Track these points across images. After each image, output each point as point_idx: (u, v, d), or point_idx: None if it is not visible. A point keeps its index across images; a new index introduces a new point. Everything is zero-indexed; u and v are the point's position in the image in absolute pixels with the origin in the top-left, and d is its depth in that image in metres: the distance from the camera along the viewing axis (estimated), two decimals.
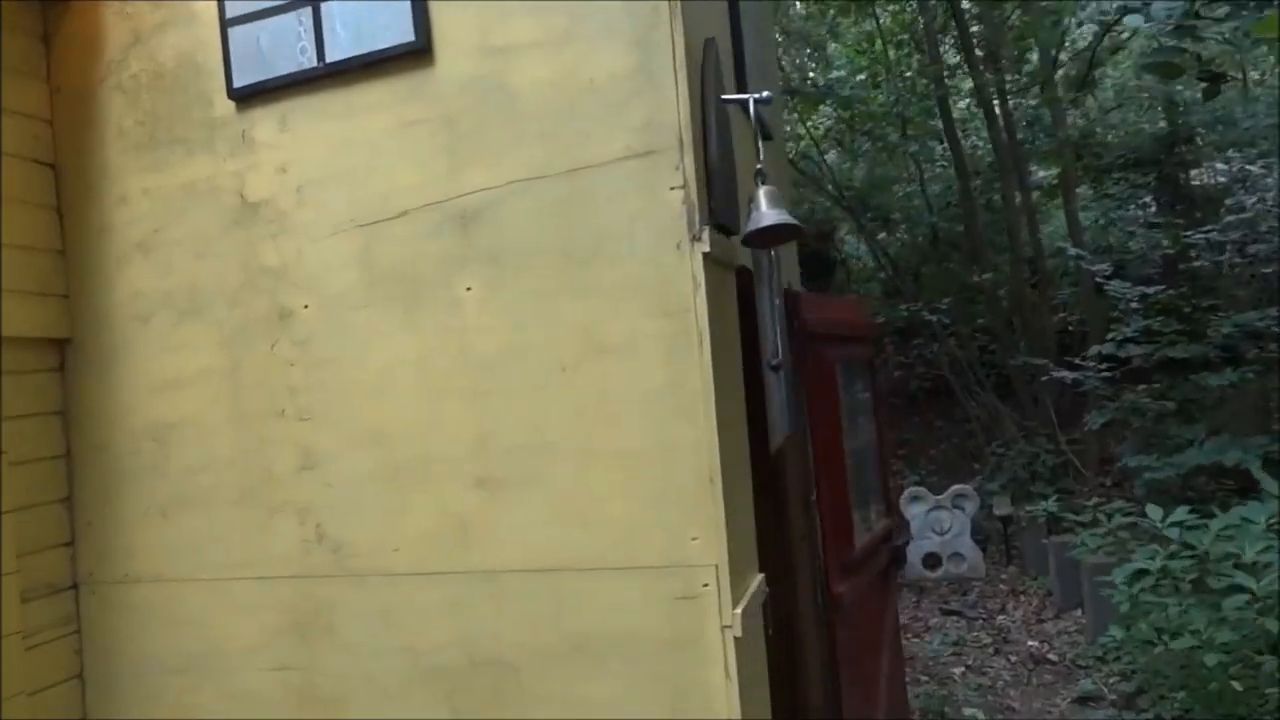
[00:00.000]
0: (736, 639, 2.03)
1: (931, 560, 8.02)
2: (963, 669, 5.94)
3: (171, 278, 2.46)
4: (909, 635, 6.66)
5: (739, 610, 2.04)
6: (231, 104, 2.40)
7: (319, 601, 2.34)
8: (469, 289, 2.21)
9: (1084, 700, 5.26)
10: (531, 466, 2.17)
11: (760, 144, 2.30)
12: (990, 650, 6.26)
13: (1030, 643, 6.31)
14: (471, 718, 2.21)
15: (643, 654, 2.09)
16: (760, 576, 2.31)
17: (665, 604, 2.08)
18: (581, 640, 2.13)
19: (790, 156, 11.74)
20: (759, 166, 2.19)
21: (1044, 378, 8.78)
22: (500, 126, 2.20)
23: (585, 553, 2.13)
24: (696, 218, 2.07)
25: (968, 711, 5.15)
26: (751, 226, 2.12)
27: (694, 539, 2.06)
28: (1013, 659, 6.07)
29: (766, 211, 2.14)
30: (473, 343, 2.21)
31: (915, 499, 8.15)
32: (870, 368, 4.25)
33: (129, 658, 2.52)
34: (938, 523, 8.05)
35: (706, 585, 2.05)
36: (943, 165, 11.33)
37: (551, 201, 2.16)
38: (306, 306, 2.35)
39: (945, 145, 10.70)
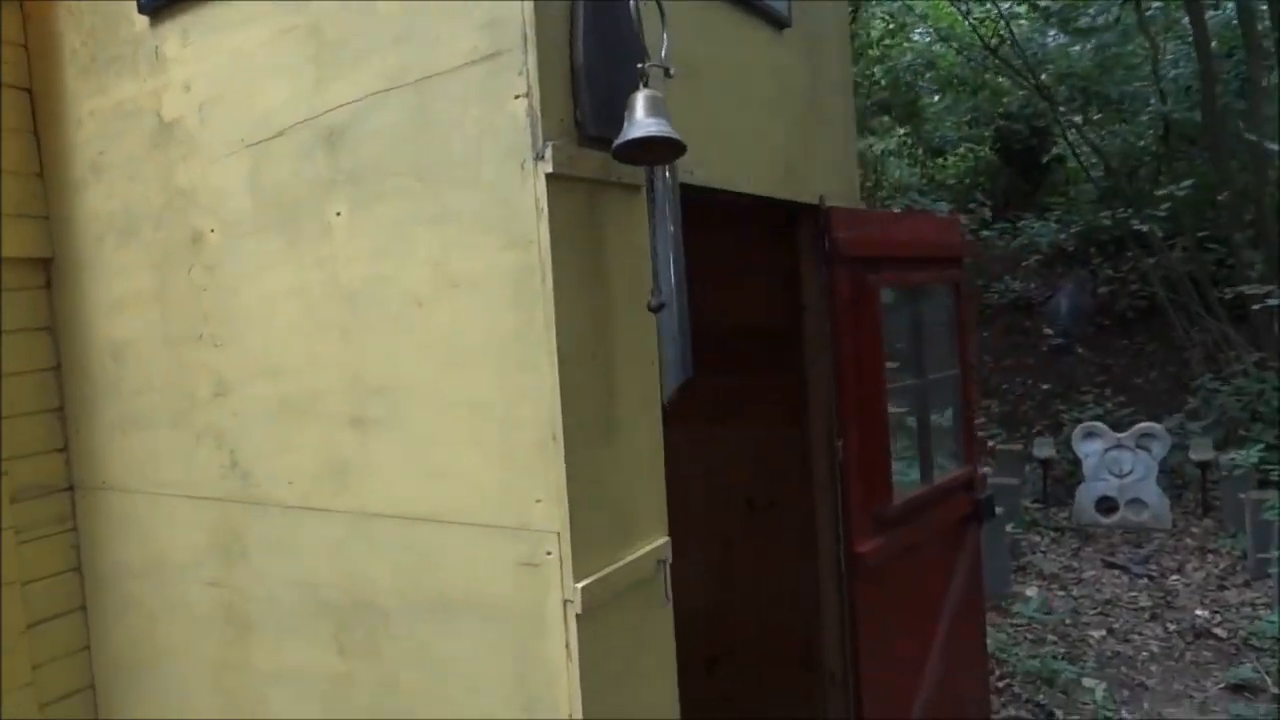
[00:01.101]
0: (578, 616, 1.80)
1: (1106, 505, 7.13)
2: (1103, 633, 5.24)
3: (114, 200, 2.49)
4: (1055, 587, 5.97)
5: (582, 585, 1.80)
6: (145, 19, 2.33)
7: (235, 526, 2.35)
8: (338, 214, 2.05)
9: (1239, 688, 4.47)
10: (394, 409, 2.01)
11: (666, 33, 1.89)
12: (1145, 615, 5.47)
13: (1199, 612, 5.44)
14: (353, 659, 2.15)
15: (493, 619, 1.91)
16: (658, 545, 2.04)
17: (512, 568, 1.87)
18: (442, 595, 1.99)
19: (988, 39, 10.38)
20: (643, 65, 1.81)
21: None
22: (361, 32, 1.97)
23: (443, 505, 1.96)
24: (539, 131, 1.75)
25: (1087, 682, 4.54)
26: (621, 139, 1.77)
27: (538, 501, 1.82)
28: (1170, 628, 5.27)
29: (642, 121, 1.77)
30: (342, 273, 2.06)
31: (1091, 435, 7.24)
32: (956, 293, 3.66)
33: (111, 557, 2.70)
34: (1117, 464, 7.12)
35: (549, 553, 1.82)
36: (1181, 41, 9.53)
37: (405, 115, 1.92)
38: (213, 230, 2.29)
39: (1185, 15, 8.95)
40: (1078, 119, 9.99)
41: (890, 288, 3.38)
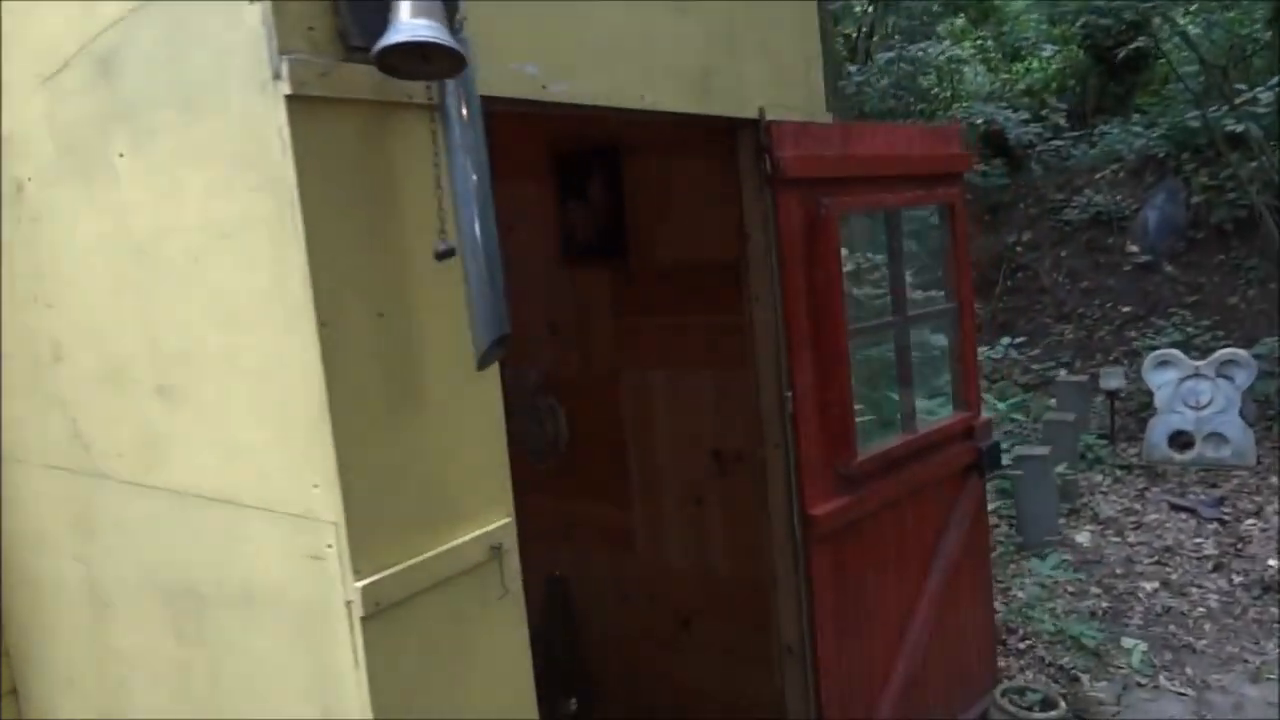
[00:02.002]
0: (363, 619, 1.54)
1: (1180, 440, 6.48)
2: (1156, 585, 4.75)
3: None
4: (1109, 532, 5.46)
5: (364, 584, 1.54)
6: None
7: (85, 499, 2.19)
8: (120, 155, 1.79)
9: None
10: (190, 377, 1.77)
11: None
12: (1208, 565, 4.93)
13: (1271, 562, 4.87)
14: (189, 647, 1.97)
15: (290, 615, 1.68)
16: (493, 528, 1.76)
17: (302, 561, 1.63)
18: (246, 586, 1.77)
19: None
20: None
21: None
22: None
23: (239, 486, 1.72)
24: (274, 45, 1.43)
25: (1127, 642, 4.10)
26: (380, 44, 1.44)
27: (315, 486, 1.56)
28: (1234, 580, 4.73)
29: (405, 24, 1.44)
30: (132, 223, 1.81)
31: (1164, 364, 6.55)
32: (952, 214, 3.18)
33: (8, 525, 2.60)
34: (1193, 395, 6.43)
35: (330, 546, 1.56)
36: None
37: (163, 33, 1.63)
38: (30, 179, 2.07)
39: None
40: (1176, 8, 8.90)
41: (854, 212, 2.95)
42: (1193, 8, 9.14)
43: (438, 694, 1.67)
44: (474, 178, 1.57)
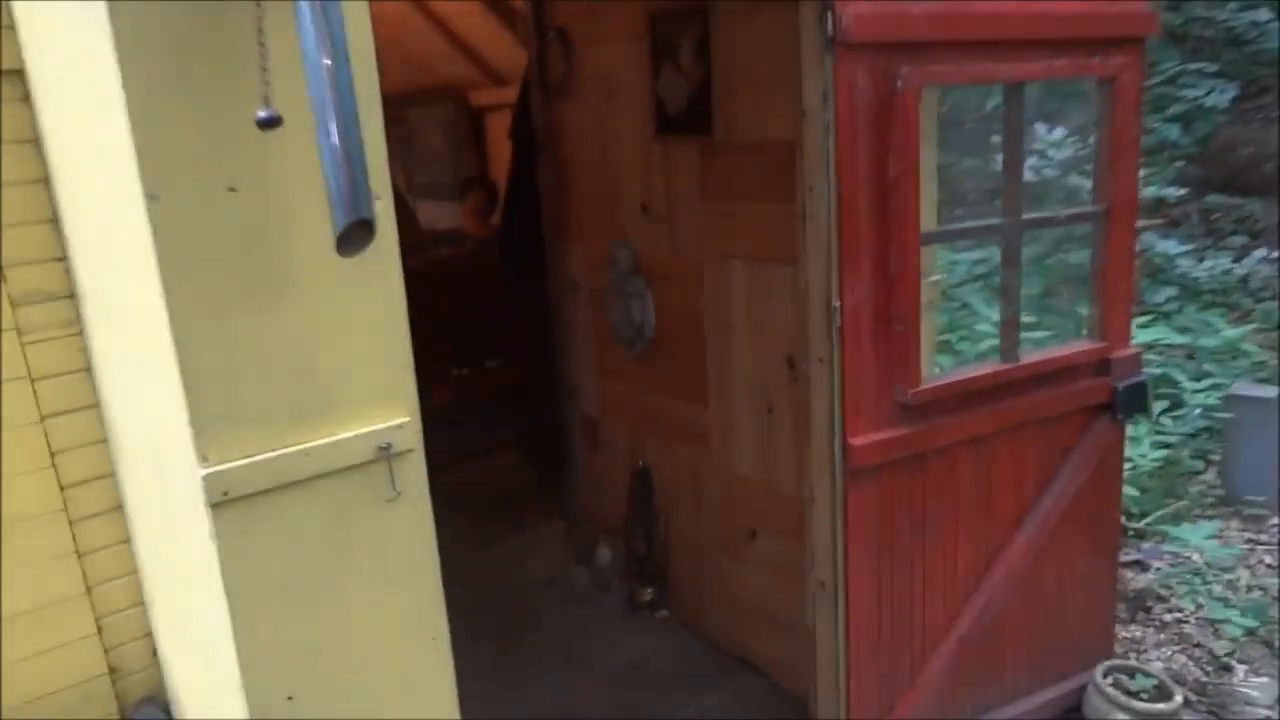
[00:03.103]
0: (212, 507, 1.50)
1: None
2: None
3: None
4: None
5: (208, 472, 1.48)
6: None
7: None
8: None
9: None
10: None
11: None
12: None
13: None
14: None
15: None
16: (384, 427, 1.63)
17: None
18: None
19: None
20: None
21: None
22: None
23: None
24: None
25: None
26: None
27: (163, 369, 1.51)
28: None
29: None
30: None
31: None
32: (1115, 92, 2.50)
33: None
34: None
35: (187, 429, 1.52)
36: None
37: None
38: None
39: None
40: None
41: (948, 86, 2.39)
42: None
43: (311, 594, 1.62)
44: (318, 36, 1.36)
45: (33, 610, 2.57)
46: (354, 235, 1.44)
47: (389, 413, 1.66)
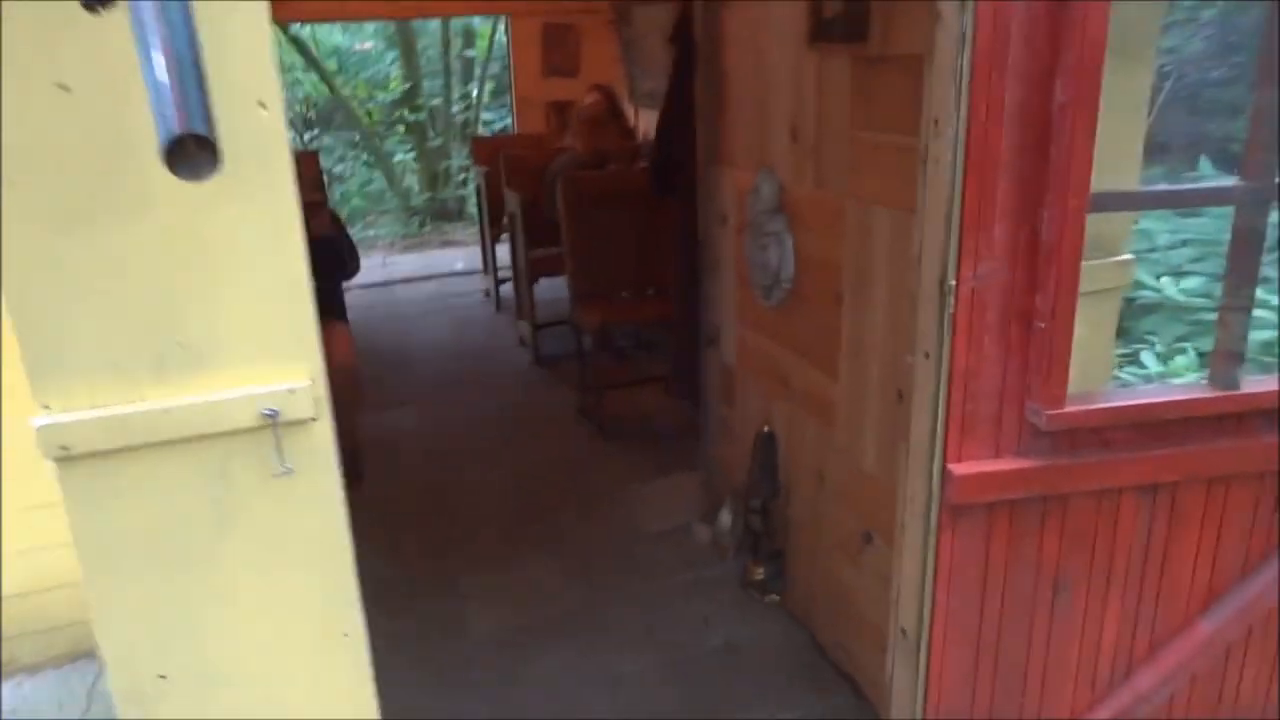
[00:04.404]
0: (57, 462, 1.30)
1: None
2: None
3: None
4: None
5: (44, 424, 1.27)
6: None
7: None
8: None
9: None
10: None
11: None
12: None
13: None
14: None
15: None
16: (272, 391, 1.34)
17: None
18: None
19: None
20: None
21: None
22: None
23: None
24: None
25: None
26: None
27: None
28: None
29: None
30: None
31: None
32: None
33: None
34: None
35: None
36: None
37: None
38: None
39: None
40: None
41: None
42: None
43: (184, 571, 1.40)
44: None
45: None
46: (192, 154, 1.13)
47: (279, 373, 1.37)
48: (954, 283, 1.67)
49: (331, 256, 4.27)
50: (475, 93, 11.15)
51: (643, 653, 3.05)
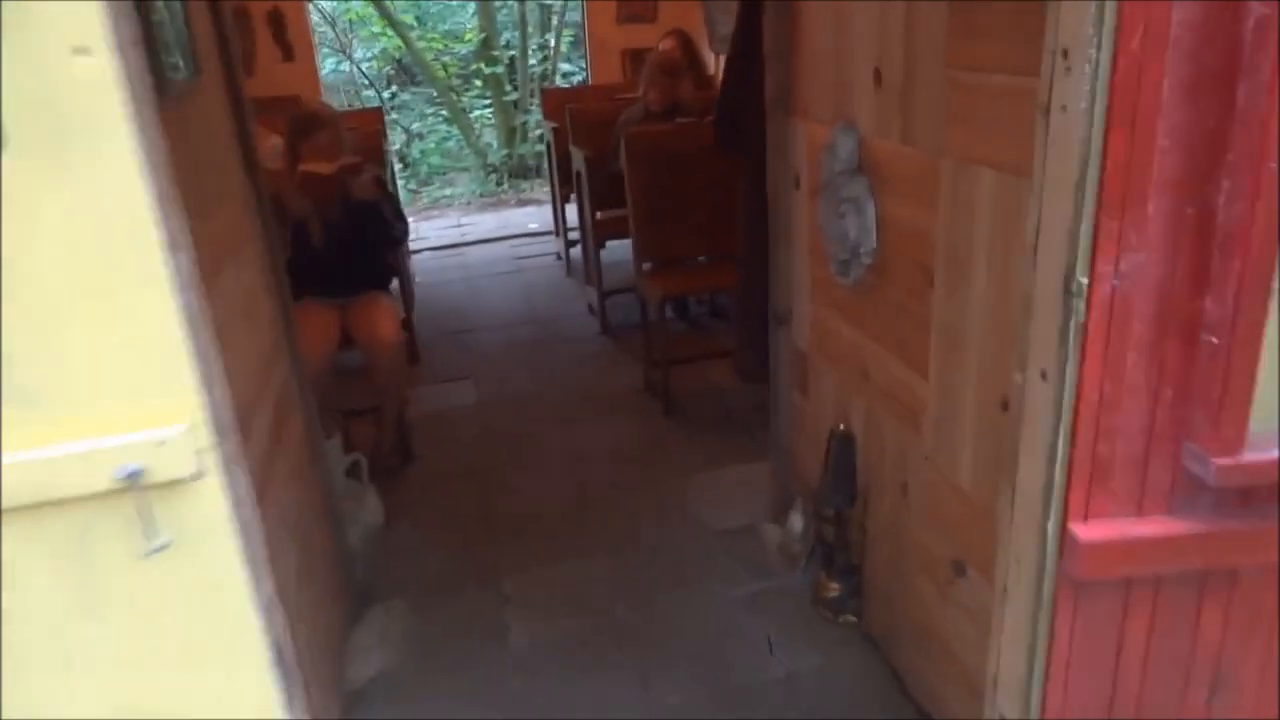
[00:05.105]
0: None
1: None
2: None
3: None
4: None
5: None
6: None
7: None
8: None
9: None
10: None
11: None
12: None
13: None
14: None
15: None
16: (133, 443, 1.00)
17: None
18: None
19: None
20: None
21: None
22: None
23: None
24: None
25: None
26: None
27: None
28: None
29: None
30: None
31: None
32: None
33: None
34: None
35: None
36: None
37: None
38: None
39: None
40: None
41: None
42: None
43: (39, 672, 1.08)
44: None
45: None
46: None
47: (143, 417, 1.01)
48: (1085, 280, 1.20)
49: (372, 224, 3.97)
50: (553, 42, 10.72)
51: (695, 680, 2.68)
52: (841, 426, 2.74)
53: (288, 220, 3.82)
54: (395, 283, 4.82)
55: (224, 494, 1.08)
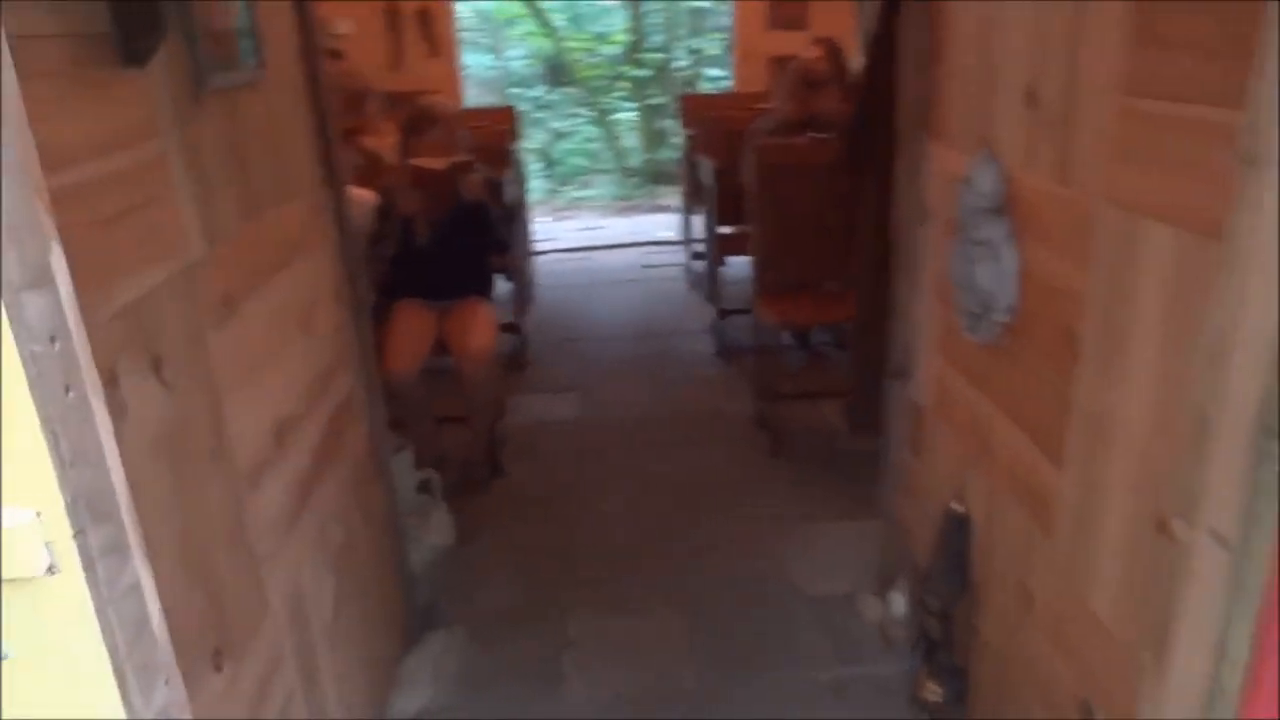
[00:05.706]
0: None
1: None
2: None
3: None
4: None
5: None
6: None
7: None
8: None
9: None
10: None
11: None
12: None
13: None
14: None
15: None
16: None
17: None
18: None
19: None
20: None
21: None
22: None
23: None
24: None
25: None
26: None
27: None
28: None
29: None
30: None
31: None
32: None
33: None
34: None
35: None
36: None
37: None
38: None
39: None
40: None
41: None
42: None
43: None
44: None
45: None
46: None
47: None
48: None
49: (478, 226, 3.82)
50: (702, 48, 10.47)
51: None
52: (958, 506, 2.33)
53: (396, 216, 3.72)
54: (509, 285, 4.68)
55: (91, 593, 0.85)
